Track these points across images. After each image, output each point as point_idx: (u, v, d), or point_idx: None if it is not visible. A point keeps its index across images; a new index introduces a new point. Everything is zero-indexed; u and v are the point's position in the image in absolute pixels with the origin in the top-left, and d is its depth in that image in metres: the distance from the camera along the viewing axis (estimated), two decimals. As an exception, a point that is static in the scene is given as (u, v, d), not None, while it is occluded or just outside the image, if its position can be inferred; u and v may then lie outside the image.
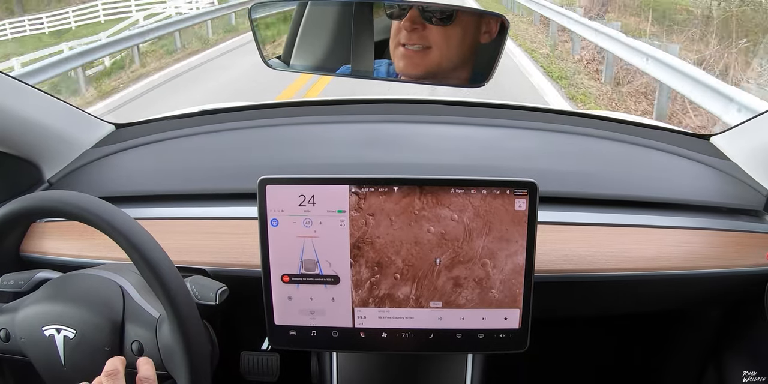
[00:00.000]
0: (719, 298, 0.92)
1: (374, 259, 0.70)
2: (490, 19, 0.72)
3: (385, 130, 1.09)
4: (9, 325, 0.70)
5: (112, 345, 0.66)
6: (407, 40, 0.73)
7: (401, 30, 0.73)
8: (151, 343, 0.66)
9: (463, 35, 0.73)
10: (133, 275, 0.72)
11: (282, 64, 0.84)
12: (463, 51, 0.75)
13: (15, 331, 0.69)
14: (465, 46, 0.74)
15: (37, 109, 0.92)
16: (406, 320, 0.72)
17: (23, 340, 0.69)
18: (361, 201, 0.69)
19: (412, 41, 0.73)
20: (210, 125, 1.10)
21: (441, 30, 0.72)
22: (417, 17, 0.71)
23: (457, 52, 0.75)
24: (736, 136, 1.03)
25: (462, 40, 0.73)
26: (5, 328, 0.70)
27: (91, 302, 0.67)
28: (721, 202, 0.93)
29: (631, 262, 0.83)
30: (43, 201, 0.64)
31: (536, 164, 0.98)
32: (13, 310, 0.70)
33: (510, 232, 0.69)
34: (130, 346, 0.67)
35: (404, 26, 0.72)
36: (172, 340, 0.64)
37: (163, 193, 0.94)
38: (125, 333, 0.67)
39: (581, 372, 1.26)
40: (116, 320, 0.67)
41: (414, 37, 0.72)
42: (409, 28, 0.72)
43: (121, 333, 0.67)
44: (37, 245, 0.89)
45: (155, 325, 0.67)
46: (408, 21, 0.72)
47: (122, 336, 0.67)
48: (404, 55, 0.74)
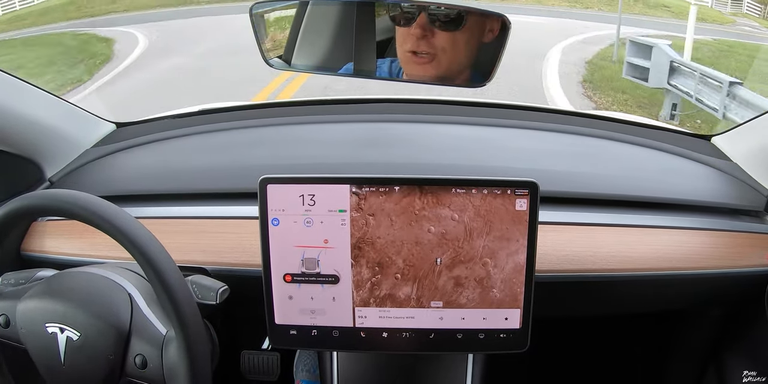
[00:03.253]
0: (720, 298, 0.92)
1: (375, 260, 0.70)
2: (492, 17, 0.72)
3: (385, 129, 1.09)
4: (10, 312, 0.69)
5: (116, 354, 0.66)
6: (417, 48, 0.72)
7: (409, 36, 0.72)
8: (156, 359, 0.65)
9: (469, 38, 0.73)
10: (142, 282, 0.71)
11: (283, 63, 0.84)
12: (470, 53, 0.75)
13: (15, 320, 0.69)
14: (471, 48, 0.74)
15: (39, 108, 0.93)
16: (407, 320, 0.72)
17: (23, 330, 0.68)
18: (361, 201, 0.69)
19: (421, 49, 0.72)
20: (211, 124, 1.10)
21: (449, 36, 0.72)
22: (426, 24, 0.71)
23: (464, 56, 0.75)
24: (736, 137, 1.03)
25: (468, 43, 0.73)
26: (5, 314, 0.69)
27: (99, 308, 0.66)
28: (721, 202, 0.93)
29: (631, 262, 0.83)
30: (43, 200, 0.64)
31: (537, 164, 0.98)
32: (14, 297, 0.70)
33: (510, 231, 0.69)
34: (133, 358, 0.66)
35: (414, 34, 0.71)
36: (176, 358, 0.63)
37: (164, 192, 0.94)
38: (130, 345, 0.66)
39: (582, 372, 1.26)
40: (123, 330, 0.66)
41: (423, 45, 0.72)
42: (419, 36, 0.71)
43: (126, 344, 0.66)
44: (38, 244, 0.89)
45: (161, 343, 0.65)
46: (419, 28, 0.71)
47: (127, 347, 0.66)
48: (415, 62, 0.73)
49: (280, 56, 0.84)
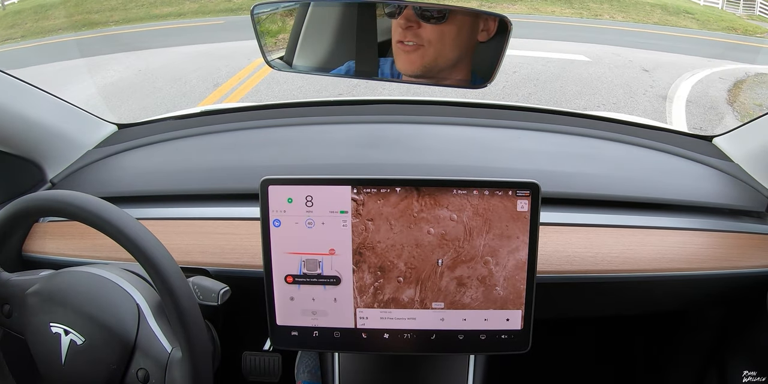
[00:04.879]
0: (721, 298, 0.92)
1: (376, 264, 0.70)
2: (488, 17, 0.73)
3: (386, 130, 1.09)
4: (14, 303, 0.69)
5: (119, 365, 0.65)
6: (402, 38, 0.74)
7: (397, 27, 0.74)
8: (158, 377, 0.64)
9: (458, 33, 0.74)
10: (150, 292, 0.70)
11: (284, 64, 0.84)
12: (459, 49, 0.75)
13: (20, 312, 0.68)
14: (461, 43, 0.75)
15: (40, 109, 0.93)
16: (408, 321, 0.72)
17: (26, 324, 0.68)
18: (359, 207, 0.69)
19: (407, 38, 0.74)
20: (212, 126, 1.10)
21: (435, 28, 0.73)
22: (412, 15, 0.72)
23: (452, 50, 0.75)
24: (738, 138, 1.03)
25: (457, 37, 0.74)
26: (9, 304, 0.69)
27: (107, 317, 0.66)
28: (722, 203, 0.93)
29: (633, 263, 0.83)
30: (45, 201, 0.64)
31: (538, 165, 0.98)
32: (20, 289, 0.69)
33: (510, 229, 0.69)
34: (135, 372, 0.65)
35: (399, 24, 0.73)
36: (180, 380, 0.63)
37: (166, 193, 0.94)
38: (134, 358, 0.65)
39: (583, 372, 1.26)
40: (128, 343, 0.65)
41: (409, 35, 0.73)
42: (404, 26, 0.73)
43: (130, 357, 0.65)
44: (40, 245, 0.89)
45: (166, 360, 0.64)
46: (403, 18, 0.73)
47: (130, 360, 0.65)
48: (401, 50, 0.75)
49: (282, 58, 0.84)
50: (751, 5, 9.66)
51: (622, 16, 8.21)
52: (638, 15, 8.09)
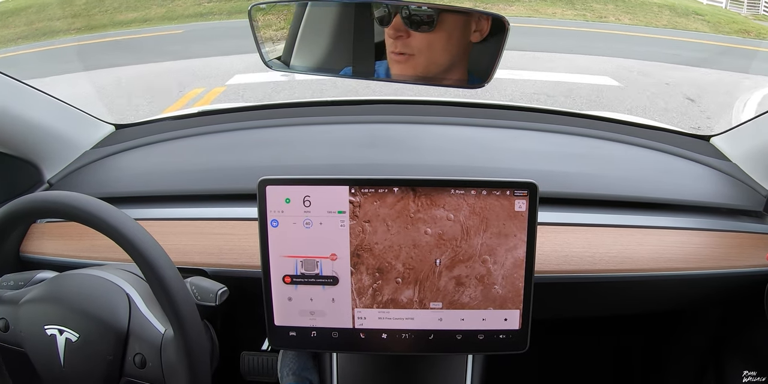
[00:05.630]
0: (719, 298, 0.92)
1: (374, 266, 0.70)
2: (480, 17, 0.72)
3: (384, 130, 1.09)
4: (9, 316, 0.69)
5: (115, 355, 0.66)
6: (393, 48, 0.73)
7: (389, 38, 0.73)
8: (155, 359, 0.65)
9: (447, 39, 0.73)
10: (140, 283, 0.71)
11: (282, 64, 0.84)
12: (450, 54, 0.75)
13: (15, 324, 0.69)
14: (452, 48, 0.74)
15: (38, 109, 0.93)
16: (406, 321, 0.72)
17: (23, 333, 0.68)
18: (356, 209, 0.69)
19: (397, 49, 0.73)
20: (210, 126, 1.10)
21: (424, 37, 0.72)
22: (400, 24, 0.72)
23: (443, 56, 0.74)
24: (735, 137, 1.04)
25: (447, 44, 0.74)
26: (5, 318, 0.70)
27: (97, 309, 0.67)
28: (721, 202, 0.93)
29: (631, 262, 0.83)
30: (42, 201, 0.64)
31: (536, 165, 0.98)
32: (13, 302, 0.70)
33: (508, 227, 0.69)
34: (132, 358, 0.66)
35: (388, 34, 0.73)
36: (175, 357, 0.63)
37: (163, 193, 0.94)
38: (129, 345, 0.66)
39: (581, 372, 1.26)
40: (121, 331, 0.66)
41: (399, 45, 0.73)
42: (393, 36, 0.73)
43: (125, 344, 0.66)
44: (37, 246, 0.89)
45: (160, 342, 0.65)
46: (392, 29, 0.72)
47: (125, 347, 0.66)
48: (395, 60, 0.74)
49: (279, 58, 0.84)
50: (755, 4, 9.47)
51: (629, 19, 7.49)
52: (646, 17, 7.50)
